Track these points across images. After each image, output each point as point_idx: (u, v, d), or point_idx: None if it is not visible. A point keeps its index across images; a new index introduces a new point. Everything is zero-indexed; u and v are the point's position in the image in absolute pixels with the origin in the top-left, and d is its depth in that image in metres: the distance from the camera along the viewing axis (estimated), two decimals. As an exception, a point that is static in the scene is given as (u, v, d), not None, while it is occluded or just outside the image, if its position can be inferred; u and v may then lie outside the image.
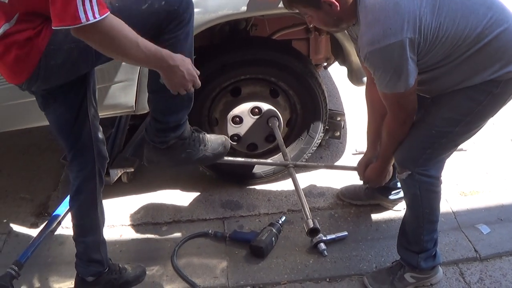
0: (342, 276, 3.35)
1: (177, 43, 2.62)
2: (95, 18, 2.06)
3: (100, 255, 3.08)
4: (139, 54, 2.28)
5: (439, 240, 3.34)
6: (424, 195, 3.00)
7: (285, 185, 4.04)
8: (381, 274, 3.27)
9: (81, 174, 2.91)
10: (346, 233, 3.61)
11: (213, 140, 3.22)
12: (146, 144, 3.07)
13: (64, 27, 2.10)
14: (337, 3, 2.56)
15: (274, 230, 3.51)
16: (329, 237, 3.54)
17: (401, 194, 3.68)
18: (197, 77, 2.55)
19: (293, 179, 3.53)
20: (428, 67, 2.67)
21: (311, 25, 2.86)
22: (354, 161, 4.08)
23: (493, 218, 3.76)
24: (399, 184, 3.63)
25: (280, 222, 3.61)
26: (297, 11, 2.78)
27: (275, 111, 3.70)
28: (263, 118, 3.69)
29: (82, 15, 2.03)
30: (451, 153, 2.99)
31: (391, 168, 3.34)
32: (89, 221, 3.03)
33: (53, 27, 2.13)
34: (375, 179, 3.39)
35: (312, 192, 4.00)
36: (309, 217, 3.15)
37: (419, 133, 2.88)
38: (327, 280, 3.34)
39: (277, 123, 3.71)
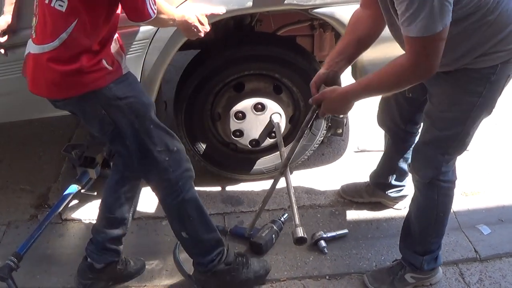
0: (342, 274, 3.36)
1: (179, 203, 2.93)
2: (155, 13, 2.57)
3: (120, 246, 3.15)
4: (174, 24, 2.84)
5: (439, 240, 3.37)
6: (441, 200, 3.01)
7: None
8: (381, 274, 3.27)
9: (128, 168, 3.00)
10: (347, 231, 3.61)
11: (254, 262, 3.29)
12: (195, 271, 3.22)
13: (141, 22, 2.72)
14: None
15: (275, 227, 3.52)
16: (329, 234, 3.55)
17: (403, 192, 3.69)
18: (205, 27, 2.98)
19: (287, 182, 3.31)
20: (461, 14, 2.39)
21: None
22: (356, 158, 4.10)
23: (494, 219, 3.77)
24: (400, 182, 3.64)
25: (282, 219, 3.62)
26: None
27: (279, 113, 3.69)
28: (266, 114, 3.68)
29: (151, 12, 2.55)
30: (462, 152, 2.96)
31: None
32: (121, 215, 3.08)
33: (131, 20, 2.62)
34: (335, 108, 2.76)
35: (313, 189, 4.00)
36: (298, 224, 2.99)
37: (432, 142, 2.86)
38: (327, 277, 3.34)
39: (280, 121, 3.68)
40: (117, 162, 3.10)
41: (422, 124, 3.08)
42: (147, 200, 3.86)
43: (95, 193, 3.80)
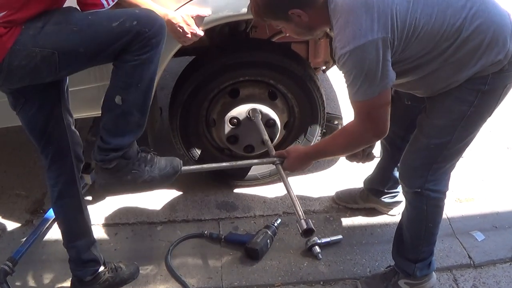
0: (336, 279, 3.36)
1: (138, 66, 2.55)
2: (108, 4, 2.50)
3: (94, 254, 3.10)
4: None
5: (433, 246, 3.37)
6: (430, 211, 2.99)
7: (280, 187, 4.02)
8: (375, 280, 3.27)
9: (61, 179, 2.91)
10: (341, 236, 3.61)
11: (161, 160, 2.94)
12: (96, 166, 2.88)
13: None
14: (306, 13, 2.49)
15: (269, 233, 3.52)
16: (323, 240, 3.55)
17: (397, 198, 3.69)
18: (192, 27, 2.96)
19: (280, 176, 3.26)
20: (408, 63, 2.54)
21: (287, 35, 2.80)
22: (350, 164, 4.09)
23: (488, 225, 3.78)
24: (394, 189, 3.64)
25: (276, 224, 3.62)
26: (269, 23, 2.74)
27: (258, 107, 3.67)
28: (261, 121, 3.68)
29: (103, 1, 2.46)
30: (456, 163, 2.94)
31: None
32: (77, 225, 3.04)
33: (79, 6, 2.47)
34: (296, 166, 3.11)
35: (308, 195, 4.01)
36: (302, 217, 2.96)
37: (419, 150, 2.85)
38: (321, 283, 3.35)
39: (259, 116, 3.65)
40: (49, 181, 2.97)
41: None
42: (142, 206, 3.88)
43: (91, 198, 3.81)
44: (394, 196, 3.71)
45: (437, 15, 2.42)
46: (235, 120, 3.66)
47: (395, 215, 3.77)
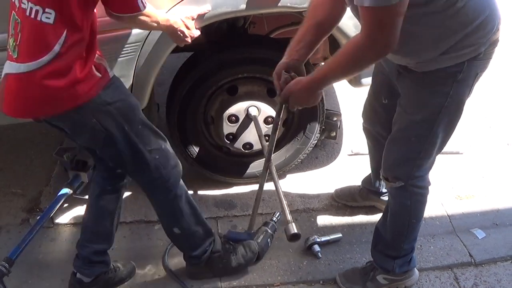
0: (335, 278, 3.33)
1: (172, 199, 3.01)
2: (145, 7, 2.58)
3: (107, 257, 3.13)
4: (158, 27, 2.81)
5: (433, 243, 3.36)
6: (414, 206, 2.98)
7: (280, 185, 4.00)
8: (354, 274, 3.28)
9: (111, 180, 3.03)
10: (341, 235, 3.60)
11: (241, 247, 3.34)
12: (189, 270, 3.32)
13: (127, 14, 2.58)
14: None
15: (269, 231, 3.49)
16: (323, 239, 3.53)
17: None
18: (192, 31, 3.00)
19: (272, 176, 3.30)
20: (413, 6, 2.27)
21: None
22: (350, 161, 4.08)
23: (488, 222, 3.76)
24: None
25: (275, 219, 3.59)
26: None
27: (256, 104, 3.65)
28: (259, 117, 3.65)
29: (140, 5, 2.55)
30: (436, 156, 2.88)
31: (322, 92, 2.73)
32: (104, 229, 3.08)
33: (115, 14, 2.57)
34: (304, 100, 2.69)
35: (307, 193, 3.98)
36: (290, 220, 2.94)
37: (400, 144, 2.82)
38: (321, 282, 3.34)
39: (258, 114, 3.63)
40: (96, 176, 3.09)
41: None
42: (139, 204, 3.83)
43: (87, 197, 3.77)
44: None
45: None
46: (233, 117, 3.62)
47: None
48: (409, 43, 2.43)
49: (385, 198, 3.68)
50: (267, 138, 3.69)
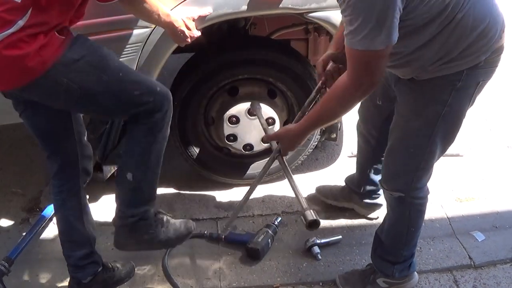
0: (335, 280, 3.32)
1: (148, 145, 2.79)
2: None
3: (94, 257, 3.09)
4: (159, 20, 2.82)
5: (433, 246, 3.35)
6: (413, 216, 2.97)
7: (279, 186, 4.02)
8: (354, 276, 3.27)
9: (65, 189, 2.94)
10: (340, 236, 3.60)
11: (176, 221, 3.12)
12: (115, 227, 3.00)
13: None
14: None
15: (270, 232, 3.50)
16: (323, 240, 3.53)
17: (377, 201, 3.65)
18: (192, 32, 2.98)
19: (283, 169, 3.21)
20: (408, 25, 2.32)
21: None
22: (350, 163, 4.08)
23: (488, 225, 3.75)
24: (374, 192, 3.64)
25: (276, 223, 3.60)
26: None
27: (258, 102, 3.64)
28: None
29: None
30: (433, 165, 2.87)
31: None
32: (78, 236, 3.03)
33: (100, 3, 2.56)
34: (293, 145, 2.91)
35: (307, 194, 3.96)
36: (306, 207, 2.79)
37: (399, 154, 2.80)
38: (320, 284, 3.33)
39: (261, 109, 3.61)
40: (53, 189, 3.01)
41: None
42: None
43: (87, 197, 3.77)
44: (376, 198, 3.68)
45: None
46: (234, 118, 3.62)
47: (376, 218, 3.74)
48: (411, 64, 2.50)
49: (367, 200, 3.69)
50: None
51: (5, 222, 3.74)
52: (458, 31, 2.36)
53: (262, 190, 3.96)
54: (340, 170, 4.20)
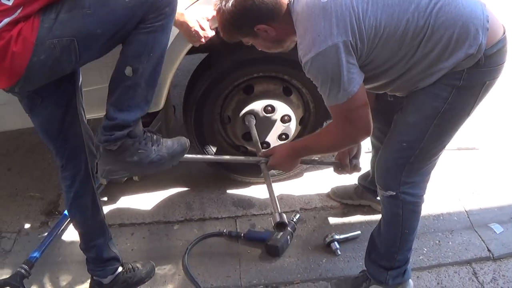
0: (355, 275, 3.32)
1: (150, 34, 2.51)
2: None
3: (113, 252, 3.11)
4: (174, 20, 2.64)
5: (452, 239, 3.35)
6: (406, 216, 2.90)
7: (297, 183, 4.04)
8: (346, 284, 3.23)
9: (77, 178, 2.89)
10: (359, 232, 3.60)
11: (168, 140, 2.88)
12: (100, 153, 2.76)
13: None
14: (271, 27, 2.57)
15: (289, 229, 3.50)
16: (342, 236, 3.53)
17: None
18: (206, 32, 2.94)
19: (264, 175, 3.33)
20: (379, 66, 2.51)
21: (260, 49, 2.84)
22: (366, 159, 4.07)
23: (506, 217, 3.75)
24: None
25: (295, 220, 3.61)
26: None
27: (251, 110, 3.66)
28: (276, 116, 3.66)
29: None
30: (434, 165, 2.83)
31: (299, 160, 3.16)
32: (95, 223, 3.03)
33: None
34: (282, 162, 3.15)
35: (324, 191, 3.99)
36: (277, 211, 2.98)
37: (392, 149, 2.78)
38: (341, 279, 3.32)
39: (253, 121, 3.64)
40: (63, 185, 2.95)
41: None
42: (158, 205, 3.87)
43: (106, 199, 3.81)
44: None
45: (398, 15, 2.37)
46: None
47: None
48: (402, 88, 2.64)
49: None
50: (284, 136, 3.72)
51: (25, 226, 3.75)
52: (436, 45, 2.42)
53: (280, 188, 3.97)
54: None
